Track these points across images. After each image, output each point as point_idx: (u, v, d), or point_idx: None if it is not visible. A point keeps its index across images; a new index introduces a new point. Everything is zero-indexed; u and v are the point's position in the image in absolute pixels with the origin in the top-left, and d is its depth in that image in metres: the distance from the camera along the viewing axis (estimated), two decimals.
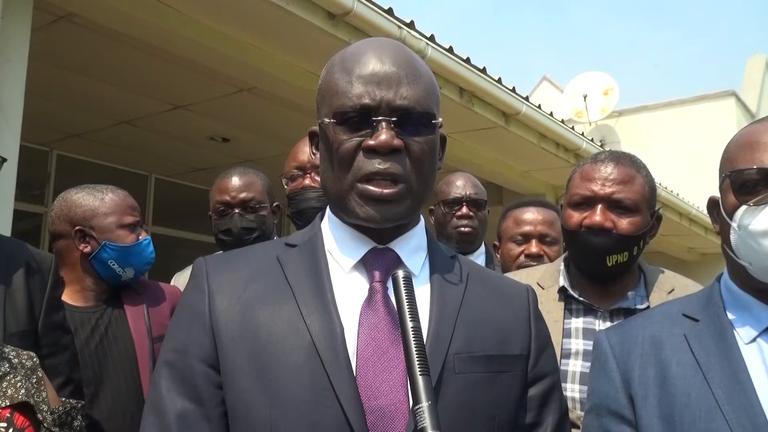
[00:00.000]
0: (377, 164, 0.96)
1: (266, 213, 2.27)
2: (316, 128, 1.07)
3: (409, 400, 0.90)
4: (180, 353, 0.97)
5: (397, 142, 0.96)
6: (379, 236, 1.03)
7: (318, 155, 1.07)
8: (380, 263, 1.01)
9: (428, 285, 1.03)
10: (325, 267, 1.01)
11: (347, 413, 0.89)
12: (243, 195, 2.22)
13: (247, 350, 0.94)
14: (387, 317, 0.96)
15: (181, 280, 2.33)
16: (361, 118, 0.97)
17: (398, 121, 0.97)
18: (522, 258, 2.35)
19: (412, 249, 1.05)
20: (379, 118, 0.96)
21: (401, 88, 0.98)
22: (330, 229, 1.06)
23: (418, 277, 1.03)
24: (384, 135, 0.95)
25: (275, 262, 1.02)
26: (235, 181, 2.24)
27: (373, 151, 0.96)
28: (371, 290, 0.99)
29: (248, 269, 1.02)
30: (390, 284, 0.98)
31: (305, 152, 1.98)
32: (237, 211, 2.22)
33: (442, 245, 1.12)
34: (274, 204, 2.33)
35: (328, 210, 1.10)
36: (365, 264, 1.02)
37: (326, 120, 0.99)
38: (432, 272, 1.04)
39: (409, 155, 0.98)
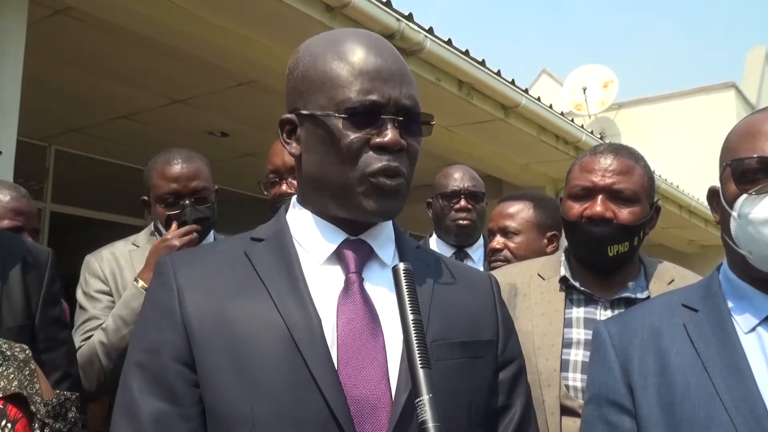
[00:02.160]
0: (386, 161, 0.97)
1: (214, 200, 2.14)
2: (289, 116, 1.03)
3: (391, 390, 0.91)
4: (151, 353, 0.94)
5: (403, 142, 0.98)
6: (352, 228, 1.02)
7: (294, 146, 1.03)
8: (355, 254, 1.01)
9: None
10: (296, 259, 1.00)
11: (331, 405, 0.88)
12: (194, 184, 2.06)
13: (224, 346, 0.92)
14: (364, 308, 0.96)
15: (92, 260, 2.11)
16: (370, 115, 0.97)
17: (402, 121, 0.99)
18: (489, 254, 2.36)
19: (384, 240, 1.06)
20: (388, 116, 0.97)
21: (404, 87, 1.00)
22: (298, 221, 1.05)
23: (390, 267, 1.03)
24: (392, 134, 0.97)
25: (243, 257, 1.00)
26: (184, 168, 2.06)
27: (382, 149, 0.97)
28: (347, 281, 0.99)
29: (215, 265, 1.00)
30: (366, 275, 1.00)
31: (278, 155, 1.92)
32: (188, 201, 2.05)
33: (409, 238, 1.12)
34: (216, 188, 2.19)
35: (293, 202, 1.08)
36: (339, 255, 1.01)
37: (333, 113, 0.97)
38: (403, 262, 1.04)
39: (408, 154, 1.01)
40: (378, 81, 0.97)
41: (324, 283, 0.98)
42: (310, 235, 1.03)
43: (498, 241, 2.32)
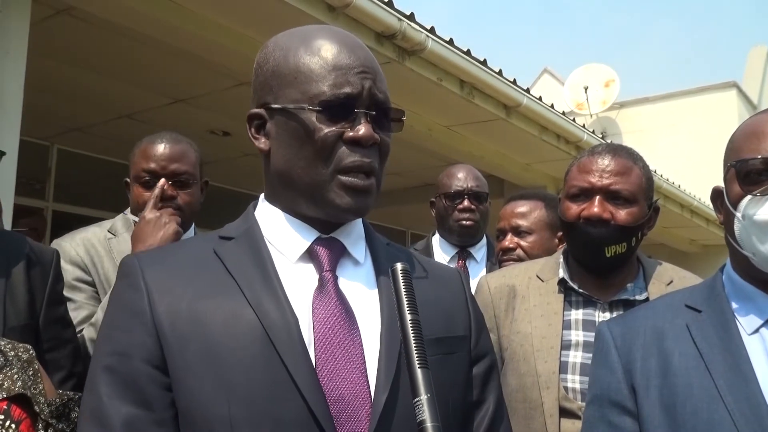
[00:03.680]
0: (359, 157, 0.96)
1: (200, 192, 2.02)
2: (258, 111, 1.02)
3: (370, 389, 0.91)
4: (121, 356, 0.90)
5: (376, 136, 0.97)
6: (323, 226, 1.01)
7: (263, 141, 1.02)
8: (328, 252, 1.00)
9: (373, 272, 1.02)
10: (268, 257, 0.98)
11: (310, 405, 0.87)
12: (175, 166, 1.93)
13: (197, 348, 0.89)
14: (340, 306, 0.95)
15: (67, 246, 1.95)
16: (343, 109, 0.96)
17: (375, 115, 0.97)
18: (500, 254, 2.35)
19: (355, 238, 1.05)
20: (362, 110, 0.96)
21: (377, 81, 0.99)
22: (268, 219, 1.03)
23: (364, 264, 1.03)
24: (366, 128, 0.96)
25: (213, 256, 0.98)
26: (167, 148, 1.95)
27: (356, 144, 0.96)
28: (322, 279, 0.97)
29: (185, 264, 0.97)
30: (339, 273, 0.99)
31: None
32: (167, 184, 1.93)
33: (379, 236, 1.11)
34: (203, 180, 2.06)
35: (262, 200, 1.07)
36: (311, 253, 1.00)
37: (306, 107, 0.95)
38: (375, 260, 1.04)
39: (380, 149, 1.00)
40: (351, 75, 0.96)
41: (298, 282, 0.97)
42: (281, 233, 1.01)
43: (511, 240, 2.32)
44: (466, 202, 2.64)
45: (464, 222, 2.64)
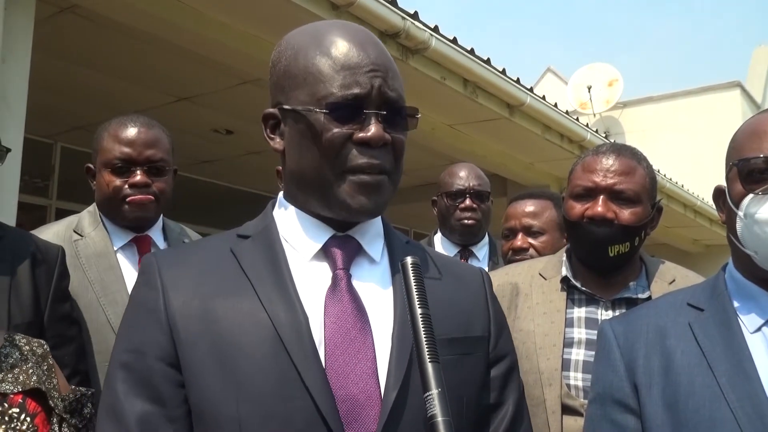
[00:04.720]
0: (368, 158, 0.95)
1: (170, 178, 1.92)
2: (272, 111, 1.02)
3: (380, 388, 0.90)
4: (136, 353, 0.93)
5: (387, 136, 0.96)
6: (339, 224, 1.01)
7: (278, 141, 1.02)
8: (342, 250, 1.00)
9: (389, 271, 1.02)
10: (282, 256, 0.98)
11: (318, 404, 0.87)
12: (150, 152, 1.83)
13: (209, 346, 0.91)
14: (352, 304, 0.95)
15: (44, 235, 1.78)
16: (352, 110, 0.95)
17: (386, 114, 0.97)
18: (510, 254, 2.34)
19: (372, 236, 1.04)
20: (371, 111, 0.96)
21: (388, 80, 0.98)
22: (285, 218, 1.03)
23: (380, 263, 1.03)
24: (376, 129, 0.95)
25: (229, 255, 0.99)
26: (142, 133, 1.83)
27: (365, 145, 0.95)
28: (335, 277, 0.97)
29: (201, 263, 0.99)
30: (354, 271, 0.99)
31: None
32: (139, 170, 1.82)
33: (399, 233, 1.10)
34: (174, 168, 1.97)
35: (280, 198, 1.07)
36: (326, 252, 1.00)
37: (314, 109, 0.95)
38: (392, 258, 1.04)
39: (393, 148, 0.99)
40: (360, 75, 0.95)
41: (311, 281, 0.97)
42: (297, 231, 1.01)
43: (523, 240, 2.31)
44: (467, 201, 2.64)
45: (466, 221, 2.64)
